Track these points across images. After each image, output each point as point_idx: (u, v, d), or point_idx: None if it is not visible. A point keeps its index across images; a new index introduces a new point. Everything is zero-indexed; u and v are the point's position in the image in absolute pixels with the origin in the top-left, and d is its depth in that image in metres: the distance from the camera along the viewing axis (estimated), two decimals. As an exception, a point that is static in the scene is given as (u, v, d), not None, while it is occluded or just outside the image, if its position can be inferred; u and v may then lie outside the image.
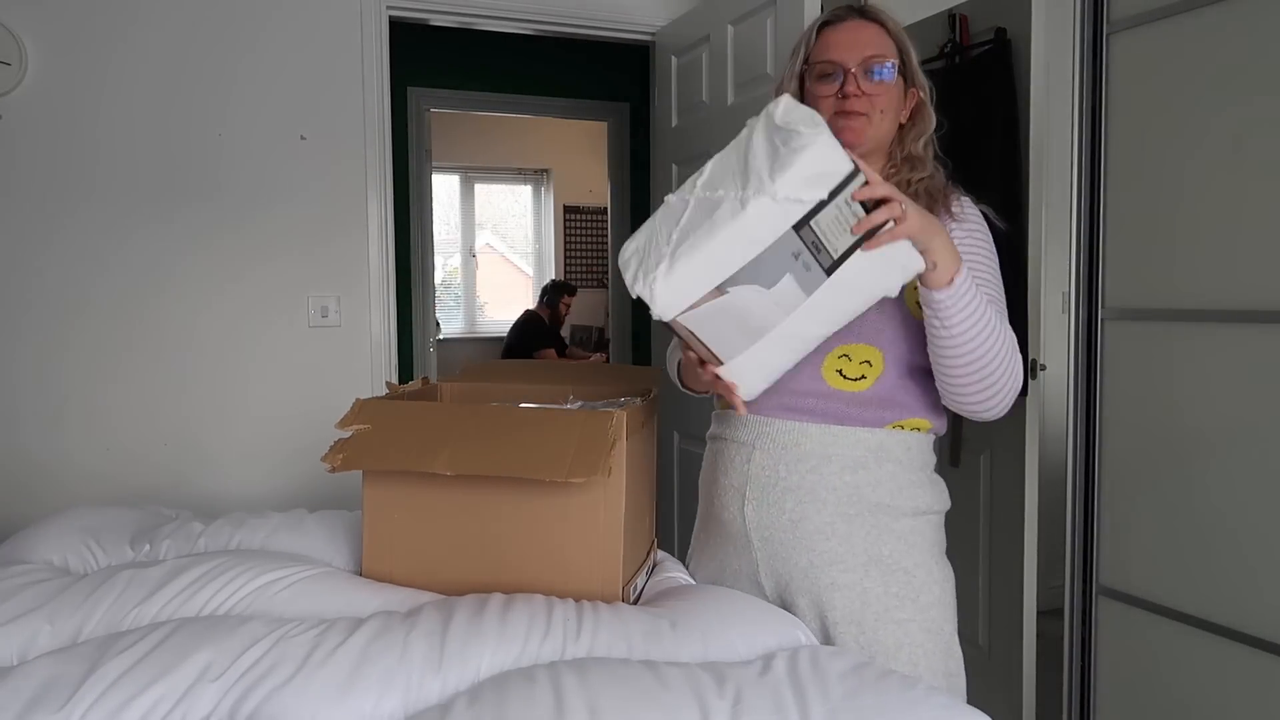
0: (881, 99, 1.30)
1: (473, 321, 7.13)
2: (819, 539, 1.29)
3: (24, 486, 2.38)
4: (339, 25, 2.59)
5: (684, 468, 2.87)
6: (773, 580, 1.34)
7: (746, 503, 1.33)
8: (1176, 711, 1.79)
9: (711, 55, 2.61)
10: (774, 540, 1.32)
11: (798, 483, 1.30)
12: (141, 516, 1.49)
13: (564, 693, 0.90)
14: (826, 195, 1.06)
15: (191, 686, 0.93)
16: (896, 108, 1.33)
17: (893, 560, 1.29)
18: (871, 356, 1.28)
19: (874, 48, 1.30)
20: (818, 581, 1.29)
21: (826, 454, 1.30)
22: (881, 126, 1.32)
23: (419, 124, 4.61)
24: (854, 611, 1.28)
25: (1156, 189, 1.80)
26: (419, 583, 1.22)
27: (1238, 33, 1.64)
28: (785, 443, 1.31)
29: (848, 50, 1.30)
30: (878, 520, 1.29)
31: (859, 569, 1.28)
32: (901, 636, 1.27)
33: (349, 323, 2.65)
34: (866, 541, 1.29)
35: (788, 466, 1.31)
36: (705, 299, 1.10)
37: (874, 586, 1.28)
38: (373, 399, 1.29)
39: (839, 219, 1.08)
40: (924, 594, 1.29)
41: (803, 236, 1.07)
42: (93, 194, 2.41)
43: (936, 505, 1.35)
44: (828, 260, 1.08)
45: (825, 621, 1.29)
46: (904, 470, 1.31)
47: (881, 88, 1.30)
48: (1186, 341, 1.75)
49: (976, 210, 1.36)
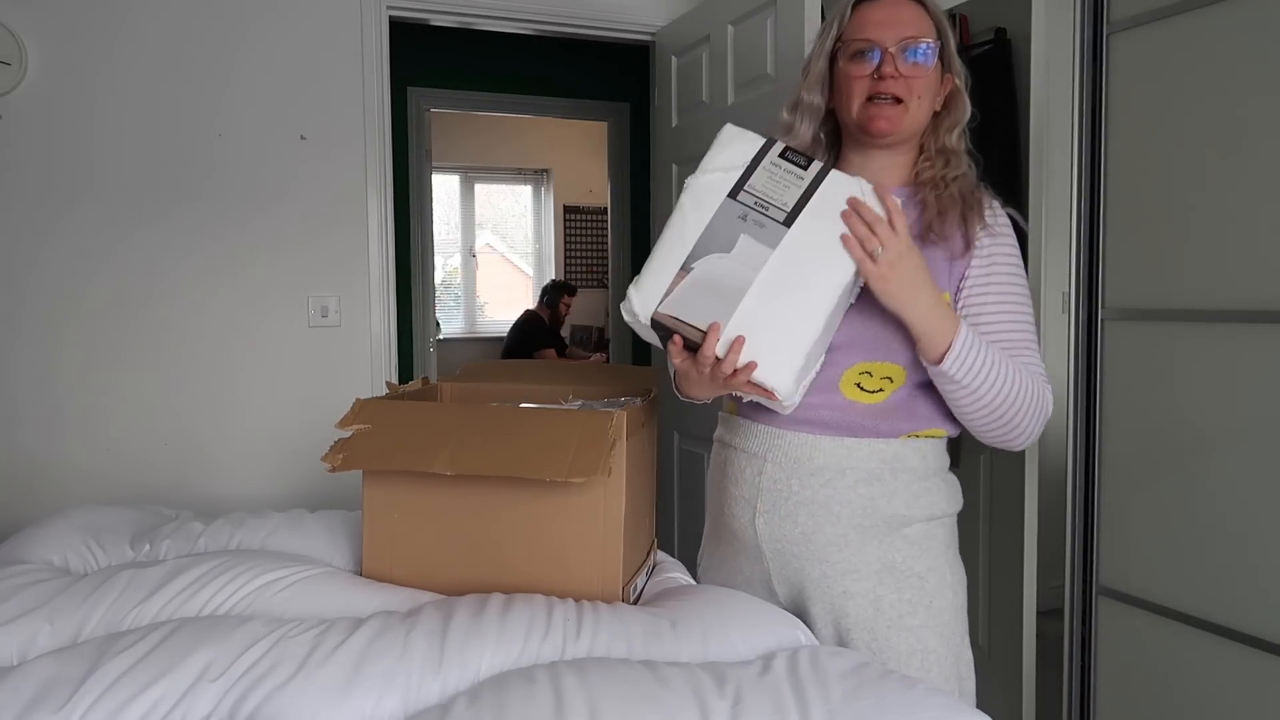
0: (919, 83, 1.23)
1: (473, 321, 7.13)
2: (832, 551, 1.27)
3: (24, 486, 2.38)
4: (339, 25, 2.59)
5: (684, 468, 2.87)
6: (786, 588, 1.32)
7: (758, 515, 1.30)
8: (1176, 711, 1.79)
9: (711, 55, 2.61)
10: (786, 552, 1.30)
11: (810, 497, 1.27)
12: (141, 516, 1.49)
13: (564, 693, 0.90)
14: (749, 161, 1.16)
15: (191, 686, 0.93)
16: (933, 95, 1.26)
17: (905, 566, 1.27)
18: (893, 373, 1.25)
19: (913, 28, 1.22)
20: (831, 590, 1.28)
21: (840, 467, 1.26)
22: (918, 115, 1.25)
23: (419, 124, 4.61)
24: (867, 619, 1.26)
25: (1156, 189, 1.80)
26: (419, 583, 1.22)
27: (1238, 33, 1.64)
28: (798, 456, 1.27)
29: (886, 29, 1.22)
30: (891, 529, 1.27)
31: (872, 577, 1.27)
32: (914, 643, 1.25)
33: (349, 322, 2.65)
34: (880, 550, 1.27)
35: (800, 481, 1.27)
36: (675, 283, 1.14)
37: (887, 594, 1.26)
38: (373, 399, 1.28)
39: (774, 178, 1.15)
40: (937, 598, 1.27)
41: (741, 200, 1.15)
42: (93, 194, 2.41)
43: (950, 507, 1.32)
44: (780, 214, 1.14)
45: (839, 628, 1.28)
46: (918, 478, 1.28)
47: (919, 70, 1.22)
48: (1186, 341, 1.75)
49: (1006, 218, 1.29)
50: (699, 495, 2.76)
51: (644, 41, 3.01)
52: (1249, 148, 1.63)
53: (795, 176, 1.15)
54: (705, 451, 2.71)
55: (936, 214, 1.24)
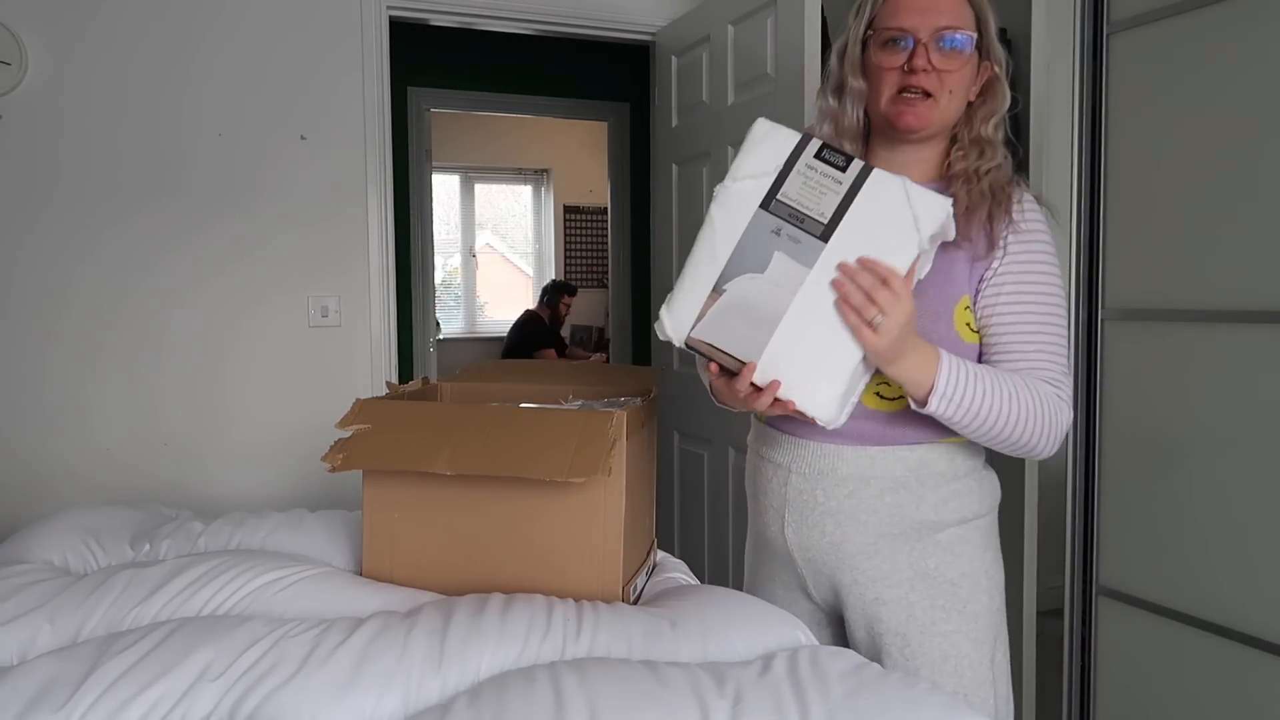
0: (953, 77, 1.16)
1: (473, 321, 7.13)
2: (862, 559, 1.26)
3: (24, 486, 2.38)
4: (339, 25, 2.59)
5: (684, 468, 2.87)
6: (822, 593, 1.32)
7: (786, 525, 1.30)
8: (1176, 711, 1.79)
9: (711, 55, 2.61)
10: (816, 560, 1.29)
11: (835, 507, 1.25)
12: (141, 516, 1.49)
13: (564, 693, 0.90)
14: (782, 164, 1.05)
15: (191, 686, 0.93)
16: (967, 87, 1.19)
17: (938, 573, 1.24)
18: None
19: (950, 16, 1.15)
20: (863, 597, 1.27)
21: (864, 477, 1.24)
22: (949, 110, 1.19)
23: (419, 124, 4.61)
24: (900, 625, 1.25)
25: (1156, 189, 1.80)
26: (419, 583, 1.22)
27: (1238, 33, 1.64)
28: (821, 467, 1.25)
29: (920, 16, 1.15)
30: (922, 535, 1.25)
31: (904, 584, 1.25)
32: (947, 649, 1.24)
33: (349, 322, 2.65)
34: (911, 557, 1.25)
35: (825, 491, 1.25)
36: (707, 306, 1.08)
37: (920, 600, 1.24)
38: (373, 399, 1.28)
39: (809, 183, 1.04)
40: (971, 603, 1.25)
41: (774, 211, 1.06)
42: (93, 194, 2.41)
43: (984, 508, 1.28)
44: (817, 226, 1.04)
45: (873, 633, 1.27)
46: (948, 481, 1.24)
47: (955, 62, 1.16)
48: (1186, 341, 1.75)
49: (1040, 215, 1.22)
50: (699, 495, 2.76)
51: (644, 41, 3.01)
52: (1249, 148, 1.63)
53: (833, 180, 1.05)
54: (705, 451, 2.72)
55: (965, 210, 1.18)
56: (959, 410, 1.12)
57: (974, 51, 1.18)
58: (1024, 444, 1.17)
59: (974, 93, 1.22)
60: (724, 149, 2.52)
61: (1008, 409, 1.13)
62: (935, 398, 1.11)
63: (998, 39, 1.22)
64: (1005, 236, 1.19)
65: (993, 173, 1.20)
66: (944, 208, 1.06)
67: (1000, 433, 1.15)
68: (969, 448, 1.27)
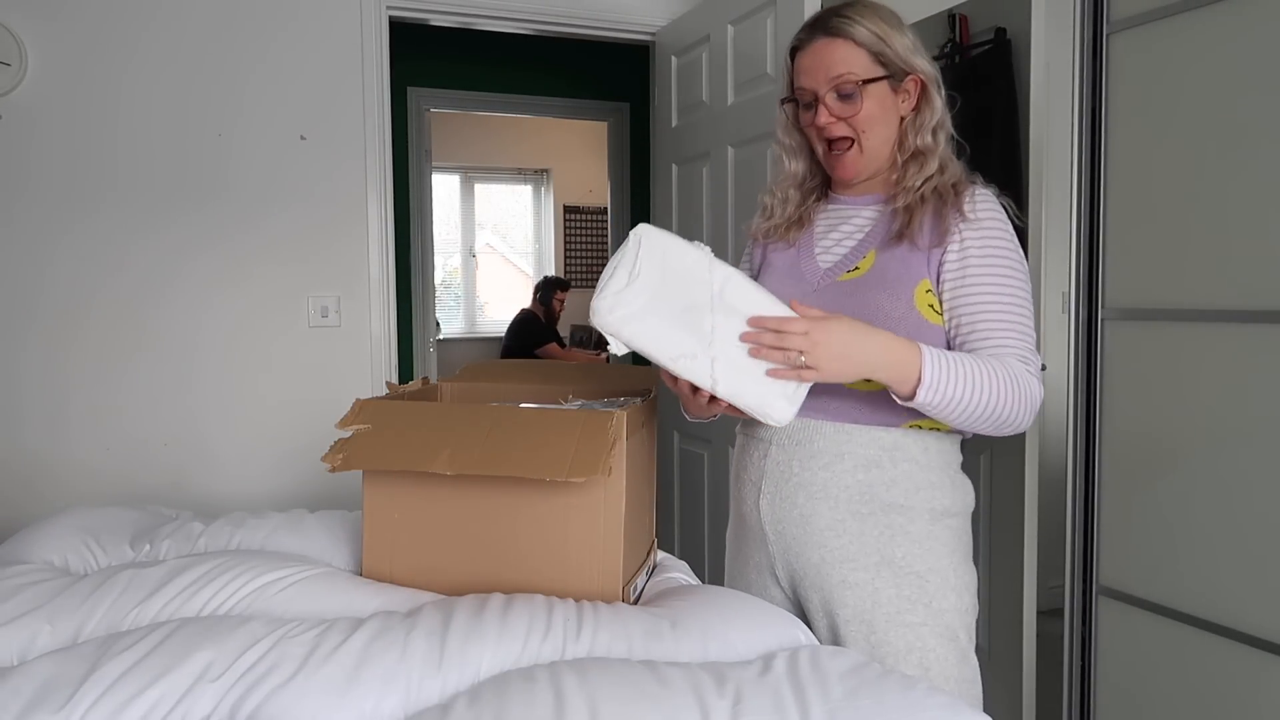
0: (860, 118, 1.26)
1: (473, 321, 7.14)
2: (830, 535, 1.28)
3: (25, 485, 2.38)
4: (339, 26, 2.59)
5: (684, 468, 2.87)
6: (787, 574, 1.34)
7: (762, 496, 1.34)
8: (1176, 711, 1.79)
9: (711, 55, 2.61)
10: (787, 535, 1.32)
11: (809, 479, 1.29)
12: (141, 516, 1.49)
13: (564, 693, 0.90)
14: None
15: (191, 687, 0.93)
16: (886, 116, 1.27)
17: (905, 564, 1.27)
18: None
19: (841, 66, 1.25)
20: (829, 579, 1.29)
21: (839, 451, 1.28)
22: (876, 144, 1.28)
23: (419, 124, 4.61)
24: (864, 611, 1.27)
25: (1156, 189, 1.80)
26: (419, 583, 1.22)
27: (1238, 33, 1.64)
28: (799, 439, 1.31)
29: (816, 75, 1.26)
30: (891, 521, 1.27)
31: (870, 569, 1.27)
32: (912, 640, 1.25)
33: (349, 323, 2.65)
34: (879, 542, 1.27)
35: (800, 463, 1.30)
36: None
37: (885, 588, 1.26)
38: (373, 399, 1.28)
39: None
40: (938, 599, 1.27)
41: None
42: (92, 195, 2.41)
43: (957, 507, 1.31)
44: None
45: (834, 620, 1.28)
46: (921, 470, 1.28)
47: (853, 106, 1.25)
48: (1186, 341, 1.75)
49: (995, 205, 1.27)
50: (699, 495, 2.76)
51: (644, 41, 3.01)
52: (1249, 148, 1.63)
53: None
54: (705, 451, 2.72)
55: (906, 220, 1.26)
56: (944, 400, 1.15)
57: (874, 84, 1.25)
58: (1000, 422, 1.21)
59: (907, 108, 1.29)
60: (724, 149, 2.52)
61: (989, 391, 1.17)
62: (922, 389, 1.14)
63: (914, 52, 1.28)
64: (958, 227, 1.24)
65: (933, 179, 1.27)
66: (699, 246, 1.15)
67: (980, 416, 1.18)
68: (945, 442, 1.31)
